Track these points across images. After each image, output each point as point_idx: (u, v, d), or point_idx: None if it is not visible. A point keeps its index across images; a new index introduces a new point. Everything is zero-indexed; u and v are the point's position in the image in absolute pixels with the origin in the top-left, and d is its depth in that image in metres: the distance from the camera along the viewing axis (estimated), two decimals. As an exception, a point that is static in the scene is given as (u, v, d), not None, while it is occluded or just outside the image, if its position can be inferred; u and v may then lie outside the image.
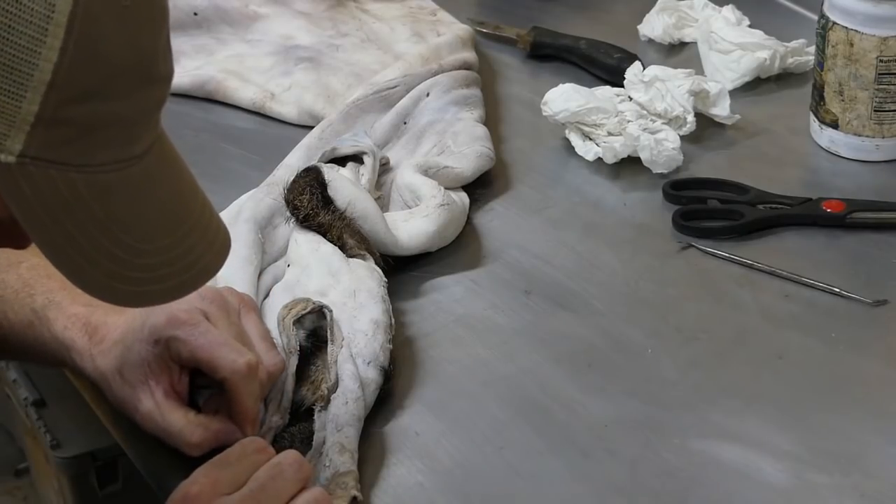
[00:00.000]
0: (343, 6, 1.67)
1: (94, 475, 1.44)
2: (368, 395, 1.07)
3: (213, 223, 0.86)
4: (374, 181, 1.30)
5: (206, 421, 1.02)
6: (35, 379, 1.52)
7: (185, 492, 0.93)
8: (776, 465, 1.04)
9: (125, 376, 1.03)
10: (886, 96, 1.37)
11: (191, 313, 1.02)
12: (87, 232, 0.78)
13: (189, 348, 1.01)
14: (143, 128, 0.79)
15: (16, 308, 1.08)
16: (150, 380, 1.02)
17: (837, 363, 1.15)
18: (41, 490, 1.62)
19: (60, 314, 1.07)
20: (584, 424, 1.08)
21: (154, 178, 0.81)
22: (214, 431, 1.01)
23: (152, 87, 0.79)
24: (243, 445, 0.98)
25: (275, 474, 0.95)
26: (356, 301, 1.14)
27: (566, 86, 1.42)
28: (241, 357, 1.01)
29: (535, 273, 1.25)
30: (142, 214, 0.81)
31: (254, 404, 1.02)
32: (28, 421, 1.51)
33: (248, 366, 1.00)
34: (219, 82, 1.52)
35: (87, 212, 0.78)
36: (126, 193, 0.79)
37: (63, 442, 1.44)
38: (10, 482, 2.09)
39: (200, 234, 0.85)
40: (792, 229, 1.31)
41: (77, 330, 1.06)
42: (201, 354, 1.01)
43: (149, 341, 1.02)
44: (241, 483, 0.94)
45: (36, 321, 1.07)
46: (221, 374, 1.00)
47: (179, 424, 1.02)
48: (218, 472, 0.95)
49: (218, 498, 0.93)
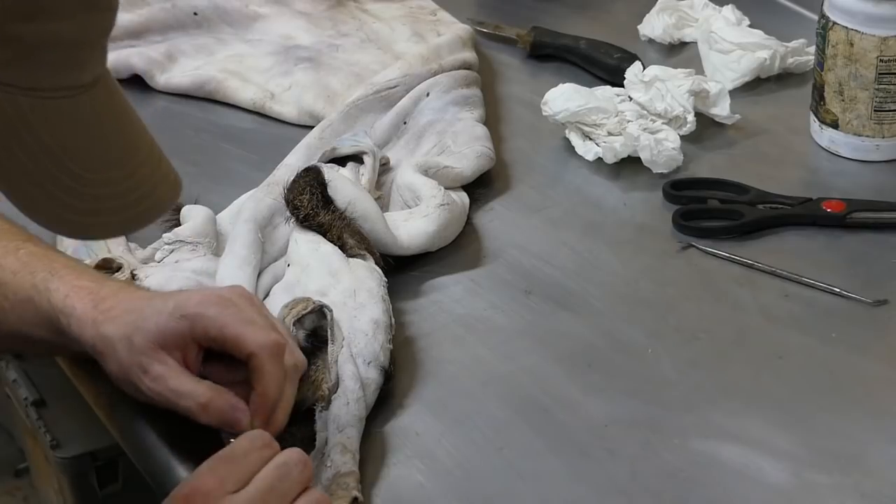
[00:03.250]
0: (343, 6, 1.67)
1: (94, 475, 1.44)
2: (369, 396, 1.07)
3: (163, 163, 0.87)
4: (374, 181, 1.30)
5: (218, 388, 1.00)
6: (35, 379, 1.52)
7: (193, 487, 0.92)
8: (776, 465, 1.04)
9: (135, 342, 1.01)
10: (886, 96, 1.37)
11: (222, 298, 1.02)
12: (35, 158, 0.79)
13: (218, 324, 1.00)
14: (89, 54, 0.80)
15: (14, 288, 1.07)
16: (163, 349, 1.01)
17: (837, 363, 1.15)
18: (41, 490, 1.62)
19: (63, 284, 1.06)
20: (584, 424, 1.08)
21: (102, 110, 0.82)
22: (227, 399, 1.00)
23: (96, 13, 0.79)
24: (250, 439, 0.96)
25: (282, 475, 0.94)
26: (356, 301, 1.14)
27: (566, 86, 1.42)
28: (269, 334, 1.00)
29: (535, 273, 1.25)
30: (91, 144, 0.81)
31: (275, 390, 0.99)
32: (28, 421, 1.51)
33: (275, 343, 0.99)
34: (219, 82, 1.52)
35: (34, 137, 0.78)
36: (74, 122, 0.80)
37: (63, 442, 1.44)
38: (10, 482, 2.09)
39: (150, 171, 0.85)
40: (792, 229, 1.31)
41: (80, 298, 1.05)
42: (229, 331, 1.00)
43: (173, 316, 1.01)
44: (247, 480, 0.93)
45: (35, 295, 1.06)
46: (248, 349, 0.99)
47: (189, 386, 1.00)
48: (225, 469, 0.93)
49: (225, 497, 0.92)
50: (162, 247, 1.22)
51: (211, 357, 1.03)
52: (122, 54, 1.54)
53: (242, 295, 1.05)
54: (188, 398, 1.00)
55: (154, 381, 1.01)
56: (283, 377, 1.00)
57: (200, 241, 1.22)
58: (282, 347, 1.00)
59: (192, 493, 0.92)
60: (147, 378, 1.01)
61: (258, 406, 1.00)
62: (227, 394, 1.00)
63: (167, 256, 1.21)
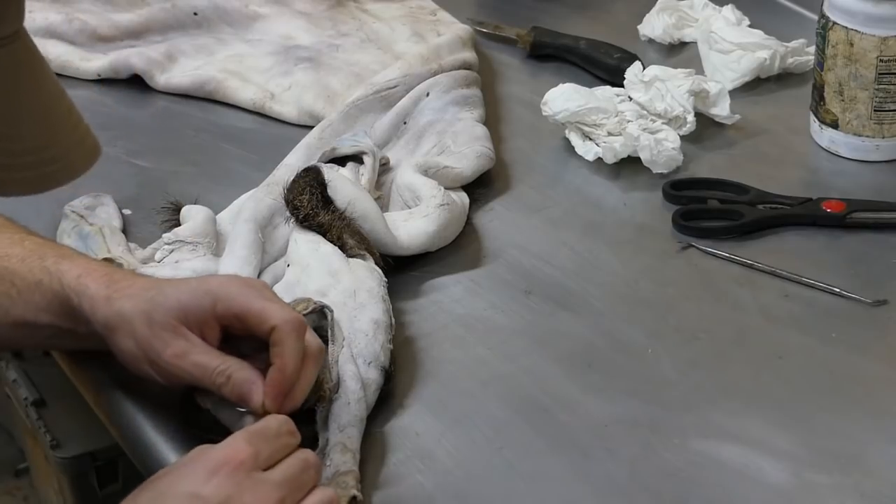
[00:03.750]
0: (343, 6, 1.67)
1: (94, 475, 1.44)
2: (370, 396, 1.07)
3: (80, 126, 0.87)
4: (374, 181, 1.30)
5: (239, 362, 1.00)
6: (35, 379, 1.52)
7: (228, 454, 0.92)
8: (776, 465, 1.04)
9: (156, 318, 1.01)
10: (886, 96, 1.37)
11: (241, 279, 1.04)
12: None
13: (241, 301, 1.00)
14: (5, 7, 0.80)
15: (23, 272, 1.07)
16: (183, 326, 1.01)
17: (837, 363, 1.15)
18: (41, 490, 1.62)
19: (75, 266, 1.06)
20: (584, 424, 1.08)
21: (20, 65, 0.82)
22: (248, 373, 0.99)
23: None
24: (280, 423, 0.96)
25: (305, 467, 0.95)
26: (356, 301, 1.14)
27: (566, 86, 1.42)
28: (292, 312, 1.01)
29: (535, 273, 1.25)
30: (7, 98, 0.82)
31: (294, 364, 0.99)
32: (28, 421, 1.51)
33: (298, 320, 1.00)
34: (219, 82, 1.52)
35: None
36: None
37: (63, 442, 1.44)
38: (10, 482, 2.09)
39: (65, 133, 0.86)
40: (792, 229, 1.31)
41: (94, 278, 1.05)
42: (254, 305, 1.00)
43: (196, 293, 1.01)
44: (275, 461, 0.94)
45: (45, 277, 1.06)
46: (272, 322, 0.99)
47: (216, 361, 1.00)
48: (260, 444, 0.93)
49: (258, 471, 0.92)
50: (162, 247, 1.22)
51: (227, 342, 1.03)
52: (122, 54, 1.54)
53: (257, 283, 1.06)
54: (211, 371, 1.00)
55: (177, 356, 1.00)
56: (303, 355, 1.00)
57: (200, 241, 1.22)
58: (304, 326, 1.01)
59: (228, 459, 0.92)
60: (168, 353, 1.01)
61: (276, 381, 0.99)
62: (249, 367, 1.00)
63: (167, 256, 1.21)
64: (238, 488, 0.91)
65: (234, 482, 0.91)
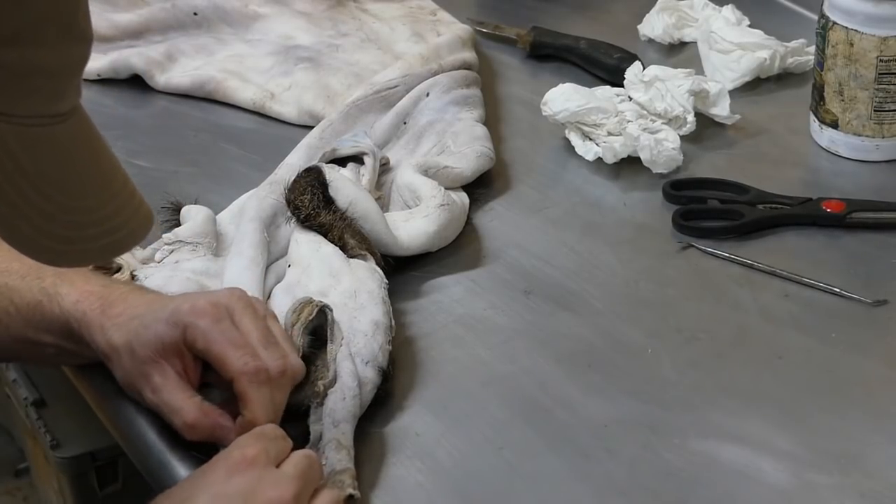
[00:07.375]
0: (343, 6, 1.67)
1: (94, 475, 1.44)
2: (365, 394, 1.07)
3: (136, 196, 0.88)
4: (374, 181, 1.30)
5: (208, 408, 1.02)
6: (35, 379, 1.52)
7: (243, 454, 0.94)
8: (776, 465, 1.04)
9: (136, 351, 1.03)
10: (886, 96, 1.37)
11: (217, 308, 1.03)
12: (15, 183, 0.80)
13: (205, 340, 1.01)
14: (67, 84, 0.81)
15: (23, 292, 1.08)
16: (161, 358, 1.02)
17: (837, 363, 1.15)
18: (41, 490, 1.62)
19: (73, 290, 1.07)
20: (584, 424, 1.08)
21: (79, 141, 0.83)
22: (213, 420, 1.01)
23: (75, 43, 0.80)
24: (273, 427, 0.99)
25: (311, 463, 0.97)
26: (356, 302, 1.14)
27: (566, 86, 1.42)
28: (253, 360, 1.01)
29: (535, 273, 1.25)
30: (69, 173, 0.82)
31: (262, 415, 1.00)
32: (28, 421, 1.51)
33: (257, 368, 1.00)
34: (219, 82, 1.52)
35: (14, 163, 0.79)
36: (53, 150, 0.81)
37: (63, 442, 1.44)
38: (10, 482, 2.09)
39: (125, 201, 0.86)
40: (792, 229, 1.31)
41: (90, 303, 1.06)
42: (215, 348, 1.01)
43: (168, 322, 1.02)
44: (281, 460, 0.96)
45: (45, 299, 1.07)
46: (230, 373, 1.00)
47: (180, 402, 1.01)
48: (265, 443, 0.96)
49: (271, 466, 0.94)
50: (162, 247, 1.22)
51: None
52: (122, 54, 1.54)
53: (241, 299, 1.05)
54: (175, 415, 1.02)
55: (153, 392, 1.03)
56: (269, 400, 1.01)
57: (200, 241, 1.22)
58: (264, 372, 1.01)
59: (244, 457, 0.94)
60: (149, 389, 1.03)
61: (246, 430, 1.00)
62: (214, 413, 1.01)
63: (167, 257, 1.21)
64: (260, 482, 0.93)
65: (254, 477, 0.93)
